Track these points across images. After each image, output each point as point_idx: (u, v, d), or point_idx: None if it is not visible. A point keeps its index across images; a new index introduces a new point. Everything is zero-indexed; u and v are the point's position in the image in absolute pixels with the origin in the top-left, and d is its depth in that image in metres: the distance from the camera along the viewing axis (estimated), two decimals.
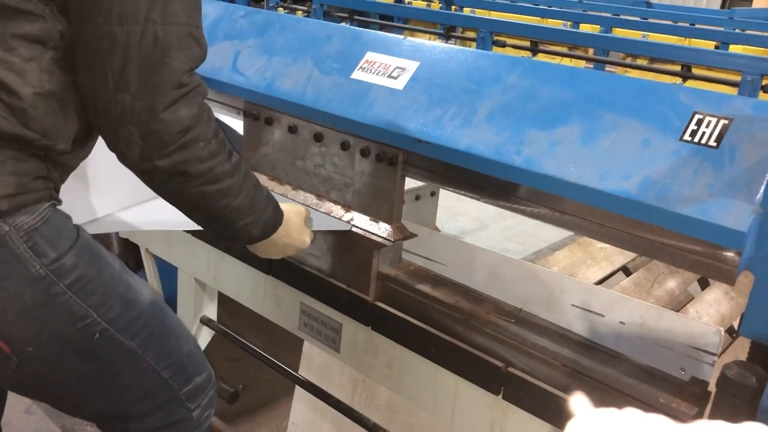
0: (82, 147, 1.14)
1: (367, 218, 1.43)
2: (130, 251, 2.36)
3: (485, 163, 1.19)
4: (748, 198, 0.96)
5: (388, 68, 1.39)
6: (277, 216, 1.23)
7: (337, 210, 1.48)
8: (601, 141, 1.11)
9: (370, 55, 1.43)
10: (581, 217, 1.18)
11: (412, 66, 1.37)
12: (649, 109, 1.10)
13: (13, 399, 2.55)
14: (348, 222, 1.44)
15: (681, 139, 1.04)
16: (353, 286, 1.47)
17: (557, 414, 1.15)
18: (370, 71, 1.41)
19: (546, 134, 1.16)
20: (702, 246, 1.03)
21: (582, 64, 4.34)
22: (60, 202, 1.13)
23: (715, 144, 1.01)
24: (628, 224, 1.10)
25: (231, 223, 1.15)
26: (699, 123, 1.04)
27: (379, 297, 1.44)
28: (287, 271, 1.58)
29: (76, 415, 1.32)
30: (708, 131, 1.03)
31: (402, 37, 1.51)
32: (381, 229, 1.41)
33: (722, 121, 1.02)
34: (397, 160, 1.36)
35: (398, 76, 1.37)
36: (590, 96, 1.16)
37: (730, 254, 1.01)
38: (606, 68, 4.04)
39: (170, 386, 1.25)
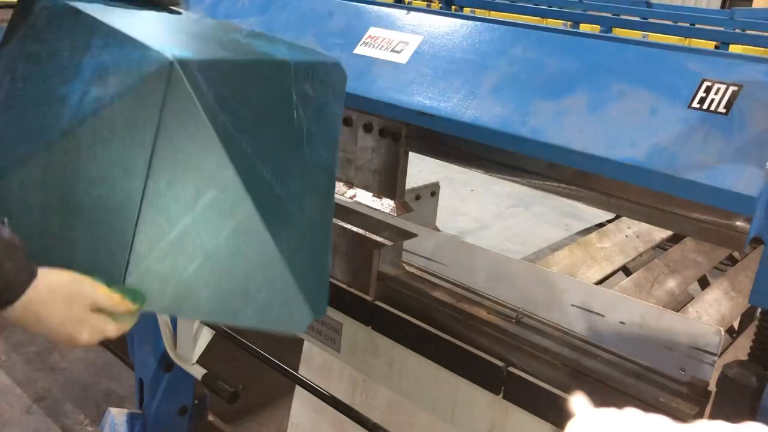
0: None
1: (370, 195, 1.43)
2: None
3: (490, 134, 1.17)
4: (759, 163, 0.93)
5: (392, 43, 1.37)
6: (18, 276, 0.85)
7: (340, 186, 1.47)
8: (608, 110, 1.09)
9: (373, 30, 1.41)
10: (585, 187, 1.17)
11: (415, 40, 1.35)
12: (657, 77, 1.08)
13: (13, 399, 2.55)
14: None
15: (689, 106, 1.02)
16: (353, 286, 1.46)
17: (558, 414, 1.15)
18: (373, 46, 1.39)
19: (552, 104, 1.13)
20: (711, 214, 1.01)
21: None
22: None
23: (724, 110, 0.99)
24: (634, 192, 1.09)
25: None
26: (708, 90, 1.02)
27: (380, 297, 1.44)
28: None
29: None
30: (717, 98, 1.00)
31: (405, 11, 1.48)
32: (384, 206, 1.40)
33: (732, 88, 1.00)
34: (400, 135, 1.35)
35: (402, 50, 1.35)
36: (597, 65, 1.14)
37: (739, 222, 1.00)
38: None
39: None
